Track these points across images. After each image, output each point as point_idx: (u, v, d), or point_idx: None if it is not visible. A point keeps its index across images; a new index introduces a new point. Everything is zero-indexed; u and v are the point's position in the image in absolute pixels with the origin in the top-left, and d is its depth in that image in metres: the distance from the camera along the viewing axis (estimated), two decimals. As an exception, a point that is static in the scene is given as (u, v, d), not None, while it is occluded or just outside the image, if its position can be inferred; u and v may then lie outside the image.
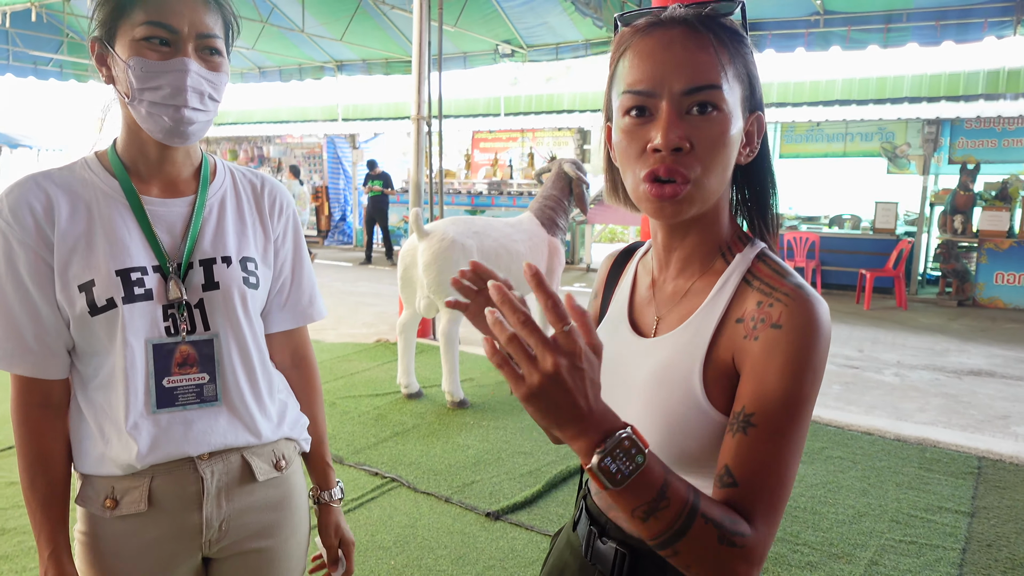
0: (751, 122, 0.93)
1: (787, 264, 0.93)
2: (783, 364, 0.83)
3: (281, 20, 11.43)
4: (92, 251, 1.13)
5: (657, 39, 0.87)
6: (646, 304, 1.03)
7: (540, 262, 4.97)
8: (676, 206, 0.87)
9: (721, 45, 0.87)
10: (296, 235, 1.37)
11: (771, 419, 0.82)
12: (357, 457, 3.82)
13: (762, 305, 0.87)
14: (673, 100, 0.85)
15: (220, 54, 1.15)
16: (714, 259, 0.96)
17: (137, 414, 1.15)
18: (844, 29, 9.01)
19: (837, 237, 10.07)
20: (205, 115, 1.15)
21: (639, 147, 0.87)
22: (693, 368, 0.89)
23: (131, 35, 1.08)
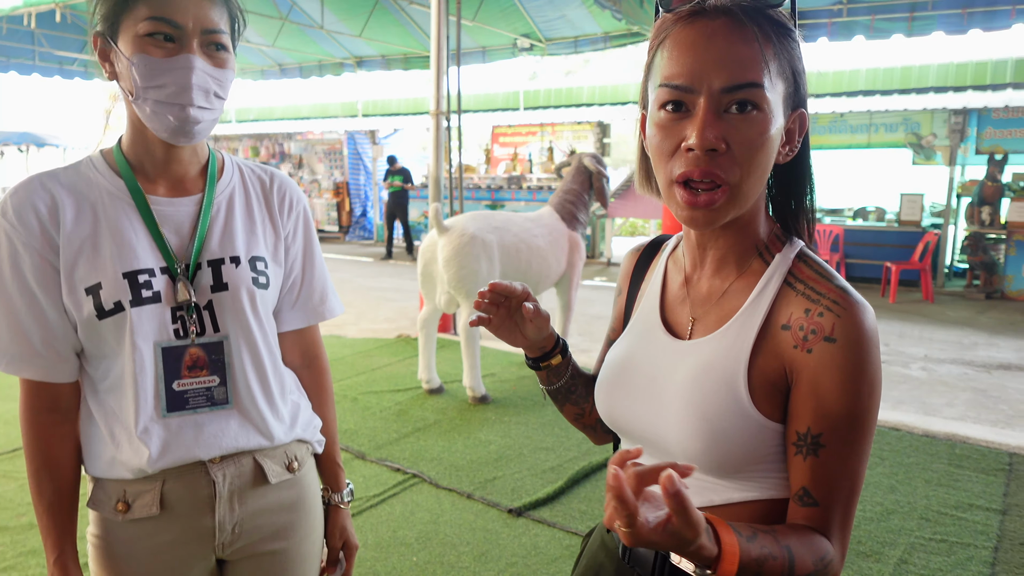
0: (793, 119, 0.89)
1: (827, 263, 0.91)
2: (843, 381, 0.82)
3: (300, 17, 11.46)
4: (98, 253, 1.11)
5: (699, 30, 0.82)
6: (679, 303, 1.00)
7: (560, 257, 4.94)
8: (710, 215, 0.85)
9: (766, 39, 0.82)
10: (307, 231, 1.34)
11: (839, 437, 0.83)
12: (379, 453, 3.82)
13: (811, 313, 0.85)
14: (711, 97, 0.81)
15: (226, 50, 1.12)
16: (751, 258, 0.94)
17: (147, 418, 1.13)
18: (868, 18, 8.86)
19: (862, 229, 9.94)
20: (211, 113, 1.12)
21: (673, 144, 0.84)
22: (737, 372, 0.87)
23: (134, 31, 1.05)
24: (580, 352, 6.14)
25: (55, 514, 1.16)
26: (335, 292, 1.40)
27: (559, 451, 3.84)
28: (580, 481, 3.48)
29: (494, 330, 1.04)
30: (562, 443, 3.95)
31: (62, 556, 1.16)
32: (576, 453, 3.79)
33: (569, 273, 5.08)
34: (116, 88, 1.15)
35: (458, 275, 4.39)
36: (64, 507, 1.17)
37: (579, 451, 3.80)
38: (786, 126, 0.88)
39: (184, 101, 1.07)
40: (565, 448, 3.88)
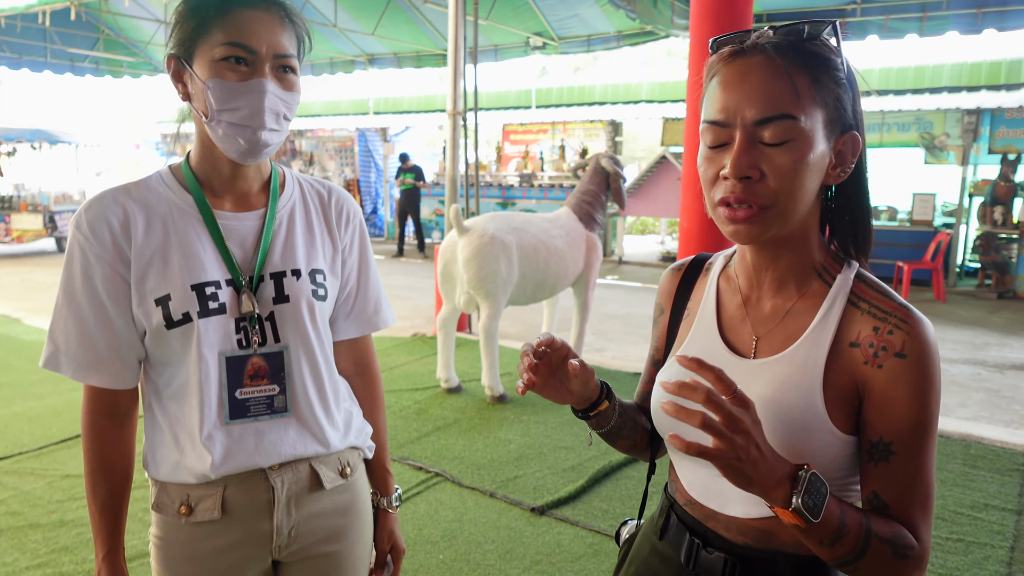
0: (843, 142, 0.93)
1: (885, 284, 0.97)
2: (912, 393, 0.89)
3: (313, 15, 11.51)
4: (168, 265, 1.16)
5: (736, 69, 0.90)
6: (739, 323, 1.04)
7: (578, 257, 4.99)
8: (751, 228, 0.91)
9: (798, 72, 0.88)
10: (363, 244, 1.39)
11: (909, 444, 0.89)
12: (401, 452, 3.88)
13: (880, 331, 0.91)
14: (746, 129, 0.88)
15: (294, 72, 1.17)
16: (810, 279, 0.99)
17: (211, 425, 1.18)
18: (881, 18, 8.86)
19: (874, 229, 9.92)
20: (279, 135, 1.17)
21: (714, 172, 0.92)
22: (814, 389, 0.92)
23: (210, 55, 1.10)
24: (594, 351, 6.20)
25: (107, 513, 1.22)
26: (388, 303, 1.45)
27: (579, 450, 3.90)
28: (601, 480, 3.53)
29: (539, 390, 1.04)
30: (581, 442, 4.00)
31: (111, 553, 1.23)
32: (596, 452, 3.84)
33: (586, 273, 5.13)
34: (184, 107, 1.20)
35: (478, 275, 4.45)
36: (116, 507, 1.23)
37: (599, 450, 3.86)
38: (835, 148, 0.92)
39: (256, 124, 1.12)
40: (584, 447, 3.93)
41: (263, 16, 1.12)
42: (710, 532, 1.03)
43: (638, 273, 10.97)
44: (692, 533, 1.05)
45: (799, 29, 0.90)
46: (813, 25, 0.90)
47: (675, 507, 1.10)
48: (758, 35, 0.91)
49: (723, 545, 1.01)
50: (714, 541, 1.02)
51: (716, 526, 1.02)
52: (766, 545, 0.98)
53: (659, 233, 15.30)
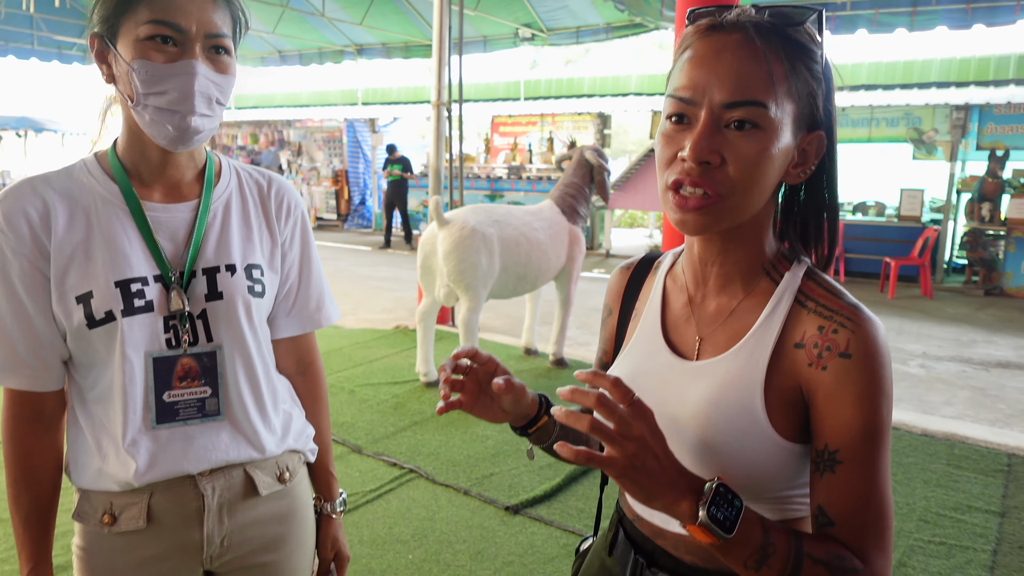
0: (808, 141, 0.87)
1: (836, 281, 0.90)
2: (858, 395, 0.81)
3: (301, 4, 11.38)
4: (90, 261, 1.08)
5: (711, 45, 0.83)
6: (683, 322, 0.97)
7: (560, 251, 4.91)
8: (699, 218, 0.84)
9: (777, 58, 0.81)
10: (304, 237, 1.31)
11: (856, 453, 0.81)
12: (376, 447, 3.81)
13: (824, 331, 0.84)
14: (712, 111, 0.81)
15: (229, 54, 1.09)
16: (758, 277, 0.92)
17: (135, 430, 1.10)
18: (871, 12, 8.81)
19: (861, 224, 9.93)
20: (212, 120, 1.09)
21: (672, 152, 0.85)
22: (754, 393, 0.86)
23: (135, 34, 1.02)
24: (578, 345, 6.13)
25: (31, 526, 1.14)
26: (332, 298, 1.37)
27: (557, 447, 3.82)
28: (578, 479, 3.46)
29: (468, 409, 0.97)
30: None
31: (38, 568, 1.14)
32: (574, 449, 3.76)
33: (569, 267, 5.06)
34: (113, 91, 1.11)
35: (458, 268, 4.37)
36: (41, 519, 1.15)
37: (577, 447, 3.78)
38: (800, 146, 0.86)
39: (185, 109, 1.04)
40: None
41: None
42: (658, 549, 0.96)
43: (626, 267, 10.91)
44: (639, 550, 0.99)
45: (784, 12, 0.83)
46: (799, 10, 0.83)
47: (624, 522, 1.04)
48: (739, 11, 0.83)
49: (669, 564, 0.94)
50: (661, 559, 0.95)
51: (664, 543, 0.95)
52: (714, 565, 0.91)
53: (647, 227, 15.24)
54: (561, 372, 5.13)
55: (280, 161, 16.64)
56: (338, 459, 3.65)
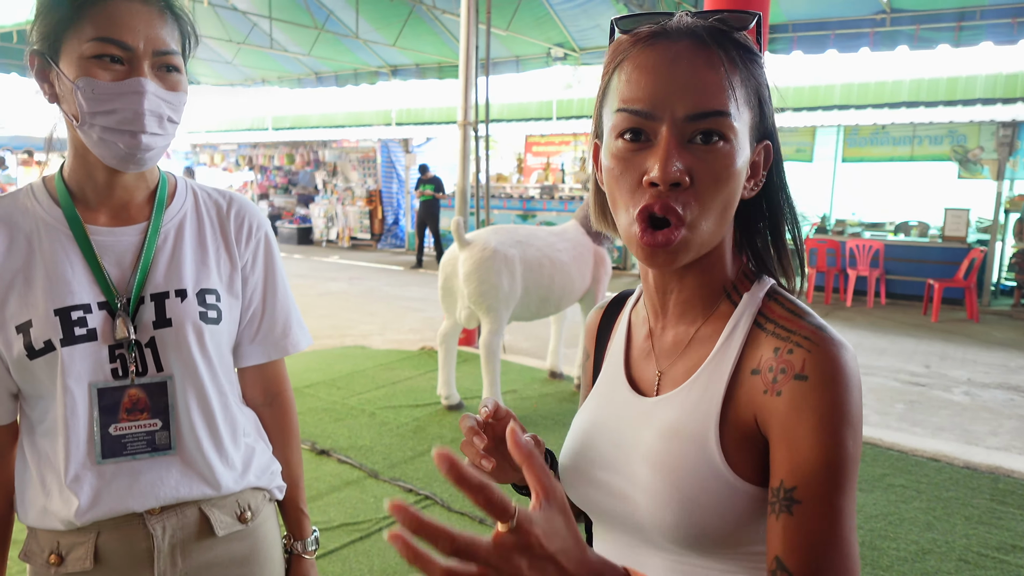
0: (758, 152, 0.80)
1: (802, 302, 0.80)
2: (817, 423, 0.70)
3: (336, 26, 11.53)
4: (31, 288, 1.03)
5: (660, 52, 0.74)
6: (644, 358, 0.89)
7: (585, 271, 4.82)
8: (669, 255, 0.75)
9: (732, 65, 0.74)
10: (268, 259, 1.24)
11: (816, 492, 0.70)
12: (392, 472, 3.73)
13: (780, 352, 0.74)
14: (675, 126, 0.73)
15: (179, 71, 1.05)
16: (718, 301, 0.84)
17: (78, 465, 1.04)
18: (912, 28, 8.60)
19: (903, 245, 9.63)
20: (164, 139, 1.04)
21: (633, 179, 0.75)
22: (708, 430, 0.76)
23: (79, 51, 0.97)
24: (606, 368, 6.00)
25: None
26: (301, 324, 1.30)
27: (578, 475, 3.71)
28: (597, 508, 3.34)
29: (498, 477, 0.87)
30: (581, 466, 3.82)
31: None
32: (595, 477, 3.65)
33: (594, 288, 4.95)
34: (52, 118, 1.07)
35: (479, 290, 4.30)
36: None
37: (598, 475, 3.67)
38: (752, 158, 0.79)
39: (136, 128, 1.00)
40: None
41: (140, 8, 0.99)
42: None
43: (659, 288, 10.75)
44: None
45: (728, 18, 0.76)
46: (744, 14, 0.76)
47: None
48: (680, 17, 0.76)
49: None
50: None
51: None
52: None
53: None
54: (586, 396, 5.01)
55: (316, 181, 16.85)
56: (354, 484, 3.59)
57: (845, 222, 10.63)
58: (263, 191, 18.04)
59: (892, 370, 6.10)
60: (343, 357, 5.97)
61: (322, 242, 16.30)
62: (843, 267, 9.44)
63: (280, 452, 1.30)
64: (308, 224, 16.70)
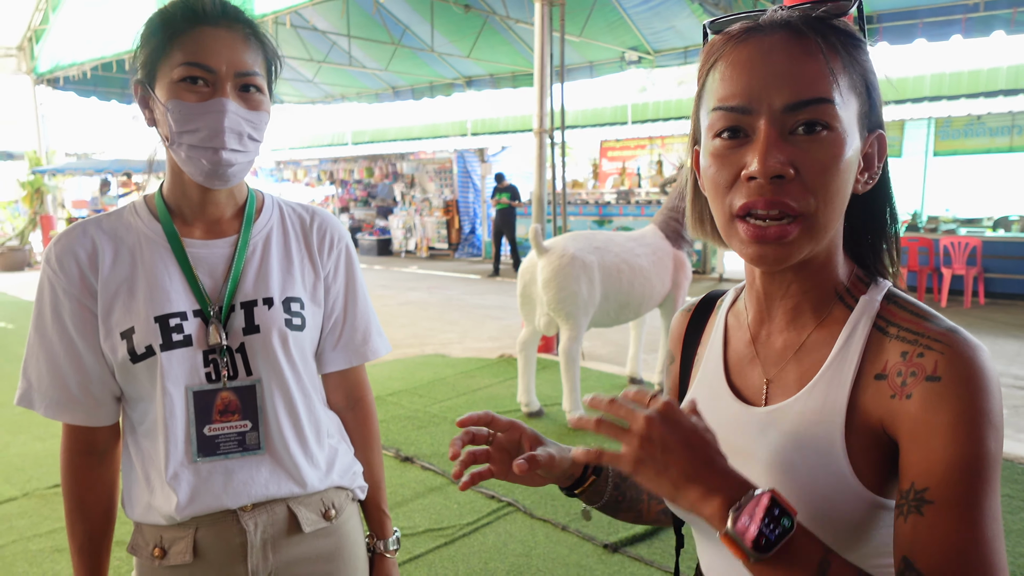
0: (870, 143, 0.76)
1: (926, 305, 0.76)
2: (952, 422, 0.66)
3: (412, 41, 11.79)
4: (133, 297, 1.12)
5: (754, 46, 0.72)
6: (747, 364, 0.86)
7: (664, 277, 4.76)
8: (782, 250, 0.72)
9: (832, 51, 0.71)
10: (349, 270, 1.31)
11: (951, 491, 0.66)
12: (475, 478, 3.77)
13: (908, 356, 0.71)
14: (774, 118, 0.70)
15: (260, 91, 1.11)
16: (830, 305, 0.80)
17: (177, 463, 1.12)
18: (1009, 11, 8.16)
19: (1004, 241, 9.12)
20: (245, 155, 1.11)
21: (731, 174, 0.73)
22: (833, 439, 0.73)
23: (170, 77, 1.06)
24: (688, 374, 5.91)
25: (85, 555, 1.19)
26: (380, 332, 1.36)
27: (661, 482, 3.66)
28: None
29: (502, 477, 0.90)
30: (664, 473, 3.76)
31: None
32: (679, 485, 3.60)
33: (674, 293, 4.89)
34: (153, 142, 1.16)
35: (558, 297, 4.30)
36: (94, 550, 1.20)
37: (682, 483, 3.61)
38: (863, 150, 0.76)
39: (216, 144, 1.07)
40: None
41: (224, 34, 1.07)
42: None
43: (741, 291, 10.51)
44: None
45: (825, 4, 0.73)
46: (839, 1, 0.73)
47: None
48: (773, 11, 0.74)
49: None
50: None
51: None
52: None
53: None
54: (668, 402, 4.94)
55: (394, 193, 17.21)
56: (437, 490, 3.64)
57: (938, 219, 10.15)
58: (344, 204, 18.56)
59: (994, 373, 5.78)
60: (424, 365, 6.07)
61: (401, 253, 16.64)
62: (936, 266, 9.01)
63: (362, 454, 1.35)
64: (387, 235, 17.08)
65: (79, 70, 12.59)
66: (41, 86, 14.64)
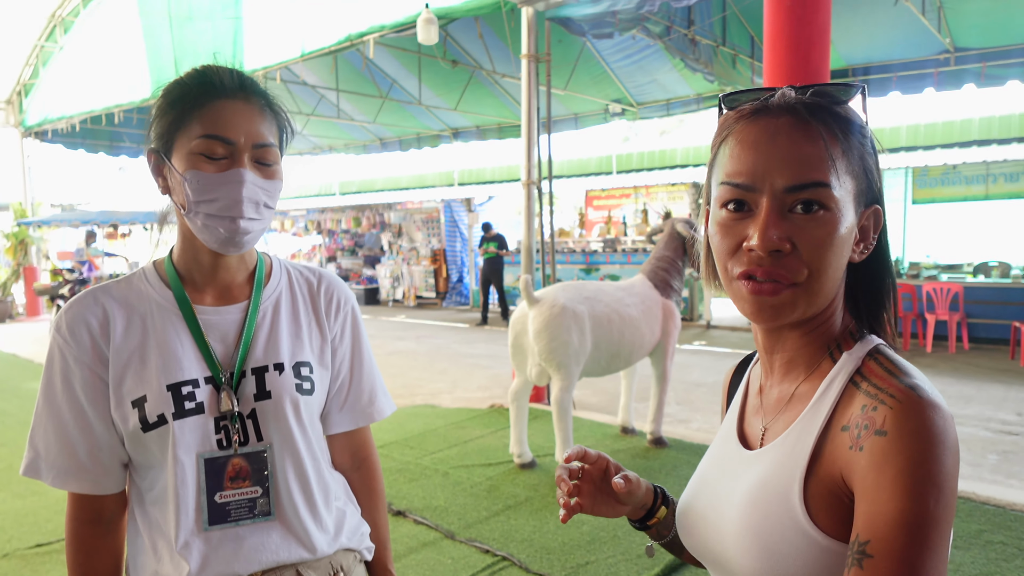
0: (867, 216, 0.84)
1: (906, 362, 0.80)
2: (895, 478, 0.69)
3: (400, 94, 11.99)
4: (145, 365, 1.12)
5: (762, 128, 0.80)
6: (754, 413, 0.94)
7: (654, 326, 4.80)
8: (776, 309, 0.79)
9: (832, 137, 0.79)
10: (355, 332, 1.33)
11: (889, 546, 0.68)
12: (468, 532, 3.73)
13: (866, 409, 0.76)
14: (775, 197, 0.78)
15: (276, 161, 1.14)
16: (821, 359, 0.86)
17: (188, 532, 1.11)
18: (978, 65, 8.47)
19: (984, 287, 9.26)
20: (260, 223, 1.14)
21: (733, 243, 0.81)
22: (792, 483, 0.79)
23: (188, 148, 1.08)
24: (677, 422, 5.91)
25: None
26: (386, 391, 1.38)
27: (656, 534, 3.63)
28: (677, 568, 3.27)
29: (589, 511, 0.98)
30: (659, 525, 3.74)
31: None
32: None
33: (664, 342, 4.92)
34: (163, 208, 1.19)
35: (549, 347, 4.32)
36: None
37: (677, 534, 3.59)
38: (860, 223, 0.83)
39: (235, 214, 1.09)
40: (662, 530, 3.66)
41: (242, 107, 1.10)
42: None
43: (727, 338, 10.56)
44: None
45: (828, 91, 0.81)
46: (842, 88, 0.81)
47: None
48: (782, 93, 0.81)
49: None
50: None
51: None
52: None
53: (750, 295, 14.78)
54: (660, 452, 4.93)
55: (382, 242, 17.27)
56: (430, 545, 3.60)
57: (920, 265, 10.32)
58: (331, 254, 18.59)
59: (981, 419, 5.82)
60: (414, 416, 6.04)
61: (388, 302, 16.63)
62: (920, 312, 9.13)
63: (368, 514, 1.35)
64: (375, 284, 17.08)
65: (67, 123, 12.69)
66: (28, 139, 14.73)
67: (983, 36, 8.10)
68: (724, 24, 8.69)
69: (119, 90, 10.82)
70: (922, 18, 7.46)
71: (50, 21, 12.80)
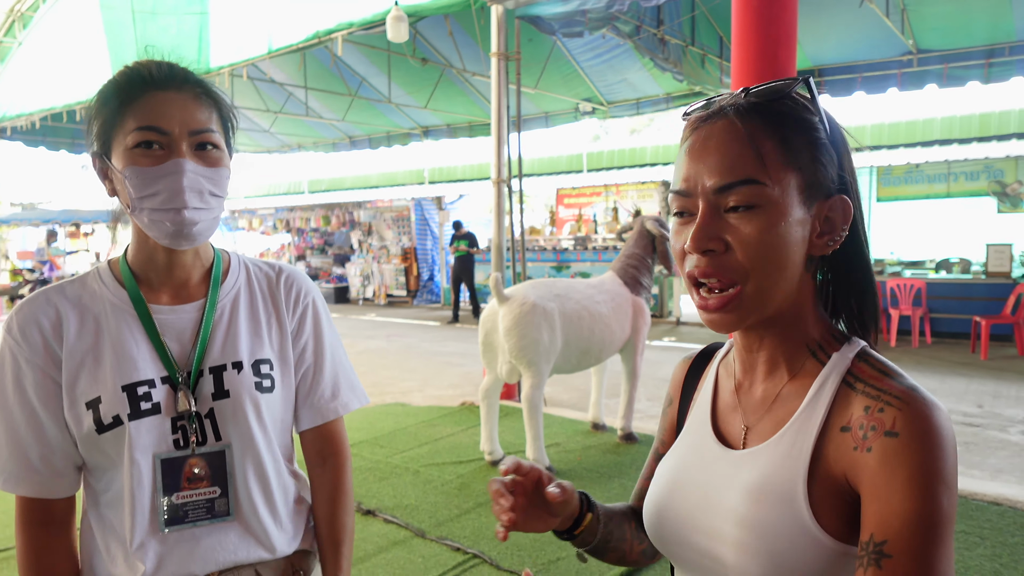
0: (829, 207, 0.83)
1: (892, 363, 0.82)
2: (909, 478, 0.72)
3: (369, 92, 11.90)
4: (99, 366, 1.09)
5: (700, 135, 0.84)
6: (731, 411, 0.93)
7: (624, 323, 4.82)
8: (728, 316, 0.82)
9: (764, 134, 0.80)
10: (316, 325, 1.29)
11: (908, 545, 0.70)
12: (439, 531, 3.72)
13: (870, 410, 0.77)
14: (707, 198, 0.82)
15: (219, 148, 1.11)
16: (803, 359, 0.87)
17: (143, 534, 1.09)
18: (940, 67, 8.63)
19: (946, 283, 9.46)
20: (208, 213, 1.11)
21: (679, 248, 0.85)
22: (796, 484, 0.79)
23: (124, 144, 1.06)
24: (648, 418, 5.95)
25: None
26: (354, 386, 1.34)
27: (626, 529, 3.65)
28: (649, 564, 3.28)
29: (522, 527, 0.92)
30: (629, 520, 3.76)
31: None
32: (644, 531, 3.59)
33: (634, 339, 4.95)
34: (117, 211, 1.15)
35: (519, 344, 4.32)
36: None
37: (647, 529, 3.61)
38: (821, 214, 0.83)
39: (178, 205, 1.06)
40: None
41: (174, 96, 1.07)
42: None
43: (697, 334, 10.66)
44: None
45: (766, 89, 0.82)
46: (780, 84, 0.82)
47: None
48: (723, 98, 0.84)
49: None
50: None
51: None
52: None
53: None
54: (631, 447, 4.96)
55: (351, 241, 17.15)
56: (401, 544, 3.58)
57: (884, 261, 10.51)
58: (300, 253, 18.42)
59: (944, 412, 5.94)
60: (384, 415, 6.00)
61: (359, 300, 16.52)
62: (884, 307, 9.29)
63: (327, 508, 1.30)
64: (344, 283, 16.97)
65: (27, 120, 12.39)
66: (-13, 136, 14.36)
67: (944, 38, 8.25)
68: (693, 24, 8.75)
69: (81, 87, 10.58)
70: (886, 20, 7.58)
71: (8, 16, 12.49)
